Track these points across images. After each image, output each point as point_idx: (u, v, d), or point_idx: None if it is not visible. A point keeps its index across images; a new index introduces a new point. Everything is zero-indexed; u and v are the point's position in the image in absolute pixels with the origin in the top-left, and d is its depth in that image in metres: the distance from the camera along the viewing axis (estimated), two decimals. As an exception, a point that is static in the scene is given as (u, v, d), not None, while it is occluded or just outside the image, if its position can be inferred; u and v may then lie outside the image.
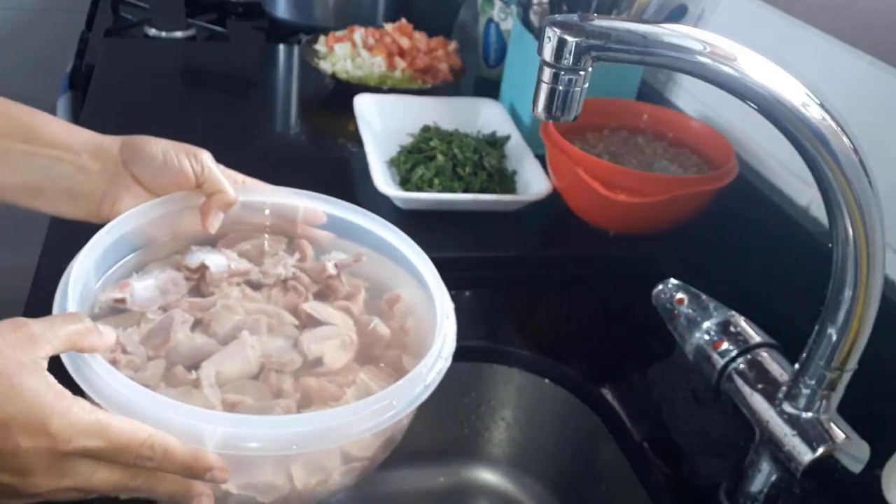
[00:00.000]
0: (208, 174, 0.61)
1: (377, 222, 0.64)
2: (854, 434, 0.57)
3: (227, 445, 0.45)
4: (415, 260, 0.62)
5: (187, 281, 0.61)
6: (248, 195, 0.64)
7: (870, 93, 0.77)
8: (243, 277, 0.62)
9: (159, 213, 0.61)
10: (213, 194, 0.61)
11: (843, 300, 0.52)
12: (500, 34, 1.32)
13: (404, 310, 0.62)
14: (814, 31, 0.84)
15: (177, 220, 0.63)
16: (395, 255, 0.63)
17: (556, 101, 0.51)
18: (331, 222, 0.66)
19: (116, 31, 1.43)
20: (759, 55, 0.48)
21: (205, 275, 0.61)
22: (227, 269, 0.61)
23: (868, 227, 0.49)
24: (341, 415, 0.48)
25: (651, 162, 0.98)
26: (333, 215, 0.66)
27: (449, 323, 0.56)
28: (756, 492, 0.62)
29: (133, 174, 0.60)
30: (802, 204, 0.87)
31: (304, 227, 0.66)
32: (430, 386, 0.52)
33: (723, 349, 0.63)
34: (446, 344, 0.55)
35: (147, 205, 0.60)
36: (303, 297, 0.62)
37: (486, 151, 1.02)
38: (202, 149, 0.62)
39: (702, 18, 1.06)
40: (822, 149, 0.48)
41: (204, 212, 0.61)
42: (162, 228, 0.62)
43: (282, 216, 0.66)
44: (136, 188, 0.61)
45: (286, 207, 0.65)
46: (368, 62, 1.27)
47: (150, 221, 0.61)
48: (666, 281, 0.70)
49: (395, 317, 0.62)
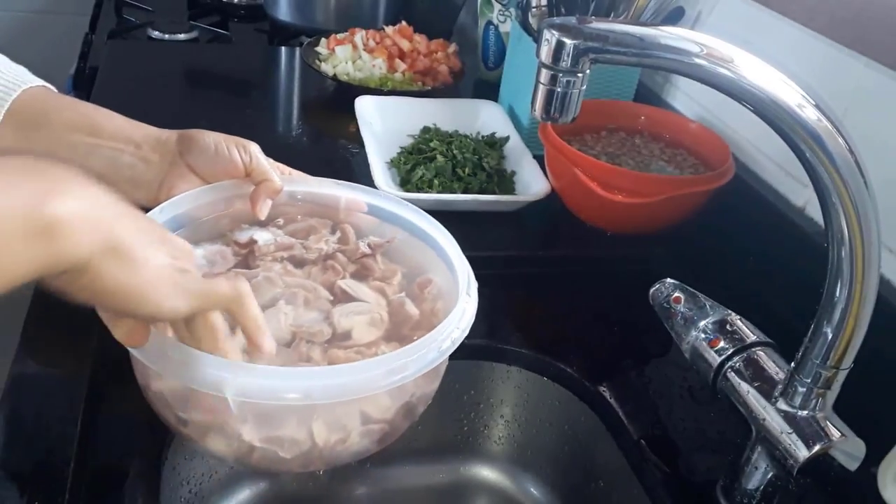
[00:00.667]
0: (256, 164, 0.64)
1: (412, 210, 0.67)
2: (850, 432, 0.57)
3: (245, 393, 0.47)
4: (445, 245, 0.64)
5: (235, 256, 0.64)
6: (294, 185, 0.67)
7: (865, 94, 0.78)
8: (287, 252, 0.65)
9: (210, 199, 0.64)
10: (261, 182, 0.65)
11: (838, 299, 0.53)
12: (500, 36, 1.33)
13: (435, 293, 0.64)
14: (810, 32, 0.84)
15: (226, 205, 0.66)
16: (429, 241, 0.65)
17: (555, 102, 0.51)
18: (370, 211, 0.69)
19: (120, 34, 1.44)
20: (756, 57, 0.49)
21: (253, 249, 0.64)
22: (274, 243, 0.65)
23: (863, 227, 0.50)
24: (354, 370, 0.50)
25: (648, 163, 0.98)
26: (372, 204, 0.68)
27: (470, 300, 0.58)
28: (752, 489, 0.62)
29: (188, 164, 0.64)
30: (798, 204, 0.87)
31: (346, 213, 0.69)
32: (445, 352, 0.53)
33: (719, 348, 0.63)
34: (464, 317, 0.56)
35: (198, 190, 0.64)
36: (340, 275, 0.64)
37: (486, 152, 1.03)
38: (251, 141, 0.66)
39: (698, 21, 1.06)
40: (817, 149, 0.49)
41: (253, 199, 0.64)
42: (211, 212, 0.65)
43: (325, 205, 0.69)
44: (190, 176, 0.65)
45: (329, 197, 0.69)
46: (369, 64, 1.28)
47: (201, 205, 0.64)
48: (663, 280, 0.70)
49: (426, 300, 0.64)
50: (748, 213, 0.91)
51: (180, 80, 1.31)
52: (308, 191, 0.68)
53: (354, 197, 0.69)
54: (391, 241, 0.67)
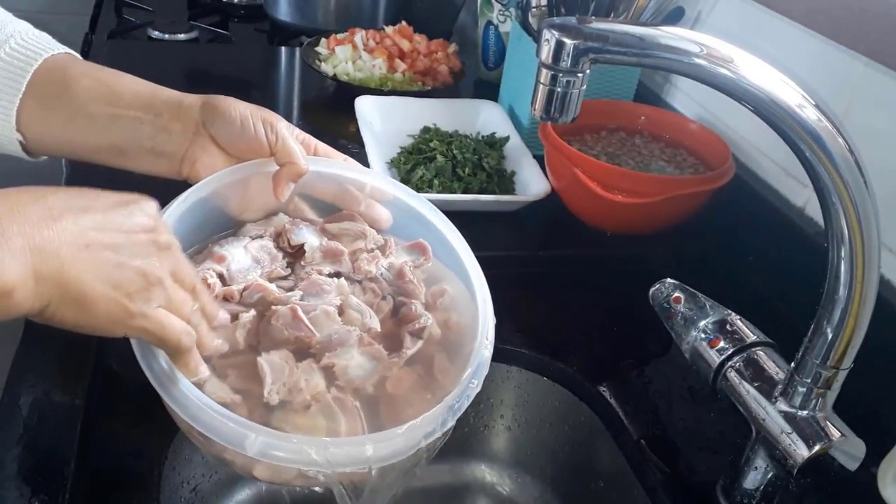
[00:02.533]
0: (282, 144, 0.62)
1: (436, 215, 0.66)
2: (850, 432, 0.57)
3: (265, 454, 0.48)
4: (462, 255, 0.63)
5: (280, 251, 0.63)
6: (319, 165, 0.65)
7: (865, 94, 0.78)
8: (333, 264, 0.63)
9: (232, 180, 0.62)
10: (284, 164, 0.62)
11: (838, 299, 0.53)
12: (500, 36, 1.33)
13: (448, 304, 0.63)
14: (810, 32, 0.84)
15: (249, 187, 0.64)
16: (446, 248, 0.65)
17: (555, 102, 0.51)
18: (393, 205, 0.67)
19: (120, 34, 1.44)
20: (756, 57, 0.49)
21: (301, 251, 0.63)
22: (320, 248, 0.63)
23: (863, 227, 0.50)
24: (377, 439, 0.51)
25: (648, 163, 0.98)
26: (398, 198, 0.67)
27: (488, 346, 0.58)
28: (752, 489, 0.62)
29: (211, 135, 0.62)
30: (798, 204, 0.87)
31: (369, 201, 0.67)
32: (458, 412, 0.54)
33: (719, 348, 0.63)
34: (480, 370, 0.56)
35: (221, 173, 0.61)
36: (378, 297, 0.63)
37: (486, 152, 1.03)
38: (279, 117, 0.63)
39: (698, 21, 1.06)
40: (817, 149, 0.49)
41: (275, 181, 0.62)
42: (236, 194, 0.63)
43: (349, 188, 0.67)
44: (213, 149, 0.62)
45: (354, 182, 0.67)
46: (369, 64, 1.28)
47: (224, 187, 0.62)
48: (663, 280, 0.70)
49: (438, 310, 0.63)
50: (748, 213, 0.91)
51: (180, 80, 1.31)
52: (334, 174, 0.66)
53: (381, 186, 0.66)
54: (428, 260, 0.66)
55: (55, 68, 0.62)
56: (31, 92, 0.61)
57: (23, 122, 0.62)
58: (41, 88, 0.61)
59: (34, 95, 0.61)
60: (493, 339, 0.59)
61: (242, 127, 0.61)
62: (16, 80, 0.61)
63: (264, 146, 0.62)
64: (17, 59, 0.61)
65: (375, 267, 0.64)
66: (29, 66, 0.61)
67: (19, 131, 0.62)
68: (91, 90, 0.62)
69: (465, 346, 0.59)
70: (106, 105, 0.61)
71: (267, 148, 0.62)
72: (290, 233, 0.63)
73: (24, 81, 0.61)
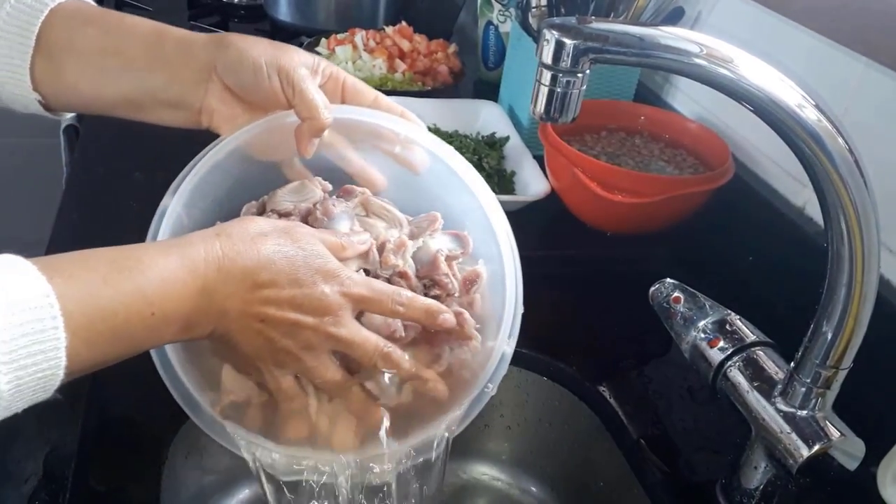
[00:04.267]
0: (299, 97, 0.57)
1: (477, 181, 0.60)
2: (849, 431, 0.57)
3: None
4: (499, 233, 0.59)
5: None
6: (344, 113, 0.59)
7: (865, 94, 0.78)
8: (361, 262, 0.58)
9: (251, 137, 0.58)
10: (305, 119, 0.57)
11: (838, 299, 0.53)
12: (499, 37, 1.33)
13: (480, 291, 0.60)
14: (810, 33, 0.84)
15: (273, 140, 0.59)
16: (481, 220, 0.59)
17: (555, 102, 0.51)
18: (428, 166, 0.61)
19: (118, 33, 1.44)
20: (755, 57, 0.49)
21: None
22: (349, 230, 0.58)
23: (863, 227, 0.50)
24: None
25: (648, 163, 0.98)
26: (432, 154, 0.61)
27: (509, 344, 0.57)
28: (752, 489, 0.62)
29: (225, 83, 0.58)
30: (798, 204, 0.87)
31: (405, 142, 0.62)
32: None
33: (719, 347, 0.63)
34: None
35: (238, 133, 0.57)
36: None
37: (486, 152, 1.03)
38: (299, 64, 0.57)
39: (698, 21, 1.06)
40: (817, 149, 0.49)
41: (297, 138, 0.58)
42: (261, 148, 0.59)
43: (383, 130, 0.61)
44: (230, 98, 0.59)
45: (386, 131, 0.61)
46: (369, 64, 1.28)
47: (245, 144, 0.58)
48: (663, 280, 0.70)
49: (468, 295, 0.60)
50: (748, 212, 0.91)
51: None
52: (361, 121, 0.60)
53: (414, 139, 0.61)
54: (466, 252, 0.61)
55: (62, 19, 0.58)
56: (40, 47, 0.57)
57: (37, 80, 0.58)
58: (50, 46, 0.58)
59: (43, 51, 0.58)
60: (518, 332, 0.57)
61: (256, 77, 0.57)
62: (24, 37, 0.57)
63: (280, 99, 0.57)
64: (23, 12, 0.58)
65: (403, 259, 0.58)
66: (35, 19, 0.57)
67: (36, 90, 0.59)
68: (96, 40, 0.58)
69: (487, 339, 0.57)
70: (113, 56, 0.58)
71: (284, 101, 0.57)
72: (320, 223, 0.58)
73: (32, 37, 0.57)
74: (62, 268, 0.42)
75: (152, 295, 0.45)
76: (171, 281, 0.45)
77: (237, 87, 0.58)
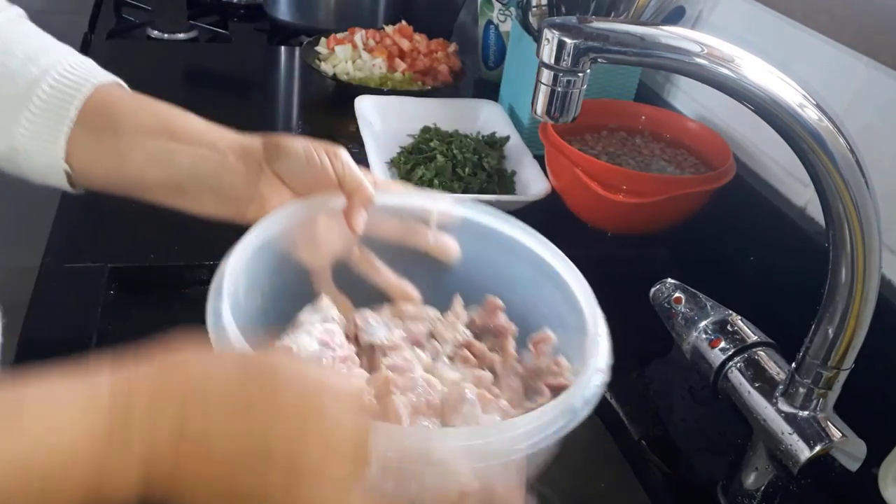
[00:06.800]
0: (349, 172, 0.59)
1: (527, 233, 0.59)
2: (851, 432, 0.57)
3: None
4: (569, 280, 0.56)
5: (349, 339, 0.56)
6: (382, 195, 0.60)
7: (867, 94, 0.78)
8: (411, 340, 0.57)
9: (298, 218, 0.58)
10: (353, 193, 0.59)
11: (839, 299, 0.52)
12: (500, 36, 1.33)
13: (550, 350, 0.57)
14: (811, 32, 0.84)
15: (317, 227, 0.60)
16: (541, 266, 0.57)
17: (555, 102, 0.51)
18: (467, 227, 0.61)
19: (119, 33, 1.44)
20: (757, 57, 0.49)
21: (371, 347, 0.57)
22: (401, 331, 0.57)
23: (864, 227, 0.50)
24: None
25: (649, 163, 0.98)
26: (469, 219, 0.61)
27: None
28: (753, 489, 0.62)
29: (276, 172, 0.60)
30: (799, 204, 0.87)
31: (436, 234, 0.61)
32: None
33: (720, 348, 0.63)
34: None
35: (289, 209, 0.58)
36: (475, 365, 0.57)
37: (486, 152, 1.02)
38: (340, 146, 0.60)
39: (699, 20, 1.06)
40: (818, 149, 0.48)
41: (349, 212, 0.59)
42: (304, 235, 0.59)
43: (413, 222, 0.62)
44: (280, 187, 0.60)
45: (418, 210, 0.61)
46: (369, 64, 1.28)
47: (290, 227, 0.58)
48: (664, 280, 0.70)
49: (540, 356, 0.58)
50: (749, 213, 0.91)
51: (180, 79, 1.31)
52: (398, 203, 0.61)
53: (448, 210, 0.61)
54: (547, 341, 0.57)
55: (105, 99, 0.59)
56: (81, 121, 0.58)
57: (71, 153, 0.58)
58: (91, 120, 0.58)
59: (84, 126, 0.58)
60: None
61: (308, 160, 0.58)
62: (64, 108, 0.58)
63: (331, 176, 0.58)
64: (67, 85, 0.58)
65: (458, 331, 0.57)
66: (78, 92, 0.58)
67: (67, 162, 0.58)
68: (147, 124, 0.59)
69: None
70: (165, 139, 0.59)
71: (334, 177, 0.59)
72: (361, 331, 0.56)
73: (73, 109, 0.58)
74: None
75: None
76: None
77: (288, 172, 0.59)
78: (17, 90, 0.57)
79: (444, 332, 0.57)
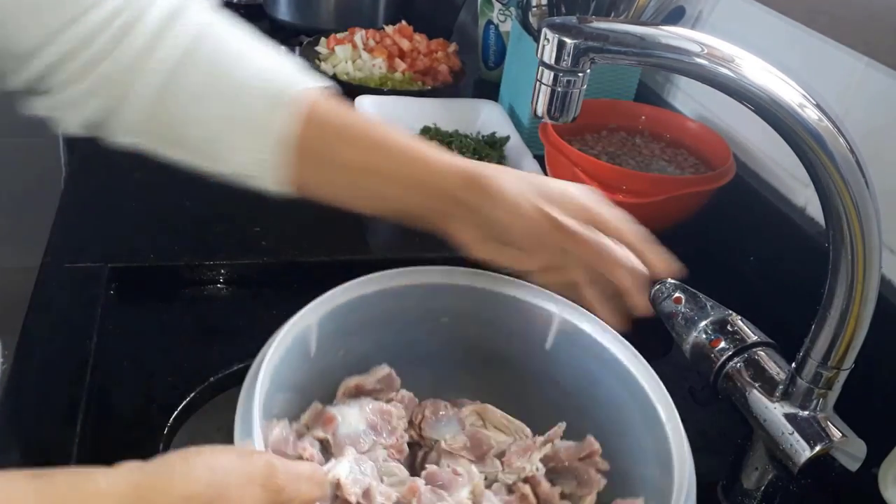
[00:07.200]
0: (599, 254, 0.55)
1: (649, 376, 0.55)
2: (851, 432, 0.57)
3: None
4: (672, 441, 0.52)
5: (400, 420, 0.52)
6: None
7: (867, 94, 0.78)
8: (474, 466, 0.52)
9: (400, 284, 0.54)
10: (622, 276, 0.56)
11: (839, 299, 0.52)
12: (500, 36, 1.33)
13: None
14: (811, 32, 0.84)
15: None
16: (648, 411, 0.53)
17: (555, 102, 0.51)
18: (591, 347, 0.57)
19: (118, 33, 1.43)
20: (756, 57, 0.49)
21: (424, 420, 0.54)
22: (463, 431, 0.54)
23: (865, 227, 0.50)
24: None
25: (649, 163, 0.98)
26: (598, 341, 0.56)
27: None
28: (753, 489, 0.62)
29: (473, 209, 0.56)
30: (799, 204, 0.87)
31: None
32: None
33: (720, 348, 0.63)
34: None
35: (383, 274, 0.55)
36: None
37: (486, 152, 1.02)
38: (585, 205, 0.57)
39: (699, 20, 1.06)
40: (818, 149, 0.48)
41: (629, 291, 0.56)
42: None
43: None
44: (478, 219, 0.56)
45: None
46: (369, 64, 1.28)
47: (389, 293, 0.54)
48: (663, 280, 0.70)
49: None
50: (749, 213, 0.91)
51: (180, 79, 1.31)
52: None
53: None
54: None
55: (317, 126, 0.57)
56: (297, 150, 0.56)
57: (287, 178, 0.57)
58: (305, 147, 0.56)
59: (298, 152, 0.56)
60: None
61: (511, 225, 0.54)
62: (285, 134, 0.56)
63: (546, 253, 0.55)
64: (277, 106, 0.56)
65: (530, 462, 0.51)
66: (292, 116, 0.56)
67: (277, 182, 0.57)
68: (358, 162, 0.57)
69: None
70: (372, 175, 0.57)
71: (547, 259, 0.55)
72: (426, 422, 0.53)
73: (293, 136, 0.56)
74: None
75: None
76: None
77: (486, 224, 0.56)
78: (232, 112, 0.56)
79: (514, 456, 0.52)
